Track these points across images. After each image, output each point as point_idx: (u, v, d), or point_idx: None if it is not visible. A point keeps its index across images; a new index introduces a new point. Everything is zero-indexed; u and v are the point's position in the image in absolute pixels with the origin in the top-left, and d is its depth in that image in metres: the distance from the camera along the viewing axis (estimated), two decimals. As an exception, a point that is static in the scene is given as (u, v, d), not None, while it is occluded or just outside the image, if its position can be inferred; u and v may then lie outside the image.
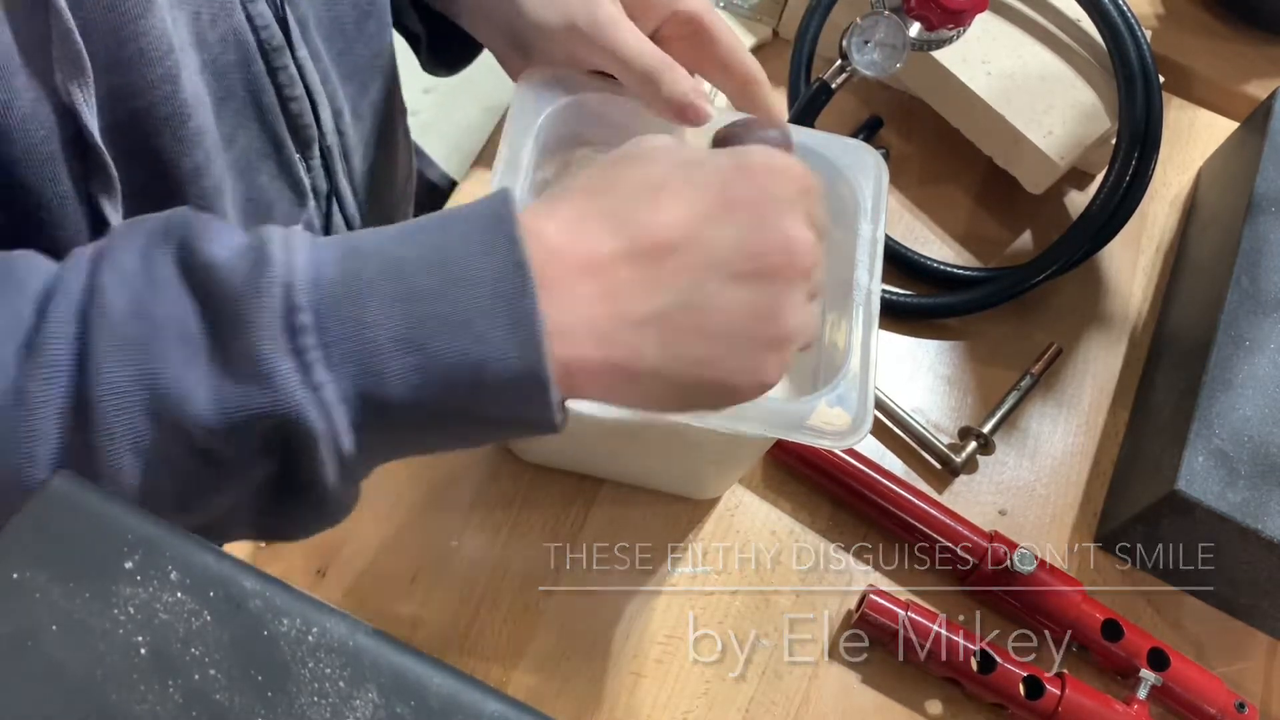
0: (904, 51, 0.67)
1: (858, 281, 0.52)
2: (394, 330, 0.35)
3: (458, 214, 0.38)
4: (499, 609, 0.61)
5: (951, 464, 0.69)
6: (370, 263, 0.36)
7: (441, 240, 0.37)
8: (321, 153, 0.60)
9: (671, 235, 0.38)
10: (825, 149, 0.56)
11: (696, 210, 0.38)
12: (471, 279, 0.36)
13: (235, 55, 0.51)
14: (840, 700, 0.62)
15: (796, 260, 0.39)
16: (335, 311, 0.35)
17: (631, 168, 0.40)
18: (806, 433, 0.48)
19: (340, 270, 0.36)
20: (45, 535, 0.29)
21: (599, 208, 0.39)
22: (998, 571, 0.63)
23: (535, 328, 0.35)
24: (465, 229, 0.37)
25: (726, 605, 0.63)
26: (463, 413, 0.37)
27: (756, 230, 0.39)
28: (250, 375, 0.34)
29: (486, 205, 0.37)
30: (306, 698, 0.28)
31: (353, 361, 0.35)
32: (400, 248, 0.37)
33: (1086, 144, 0.75)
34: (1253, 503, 0.60)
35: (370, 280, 0.36)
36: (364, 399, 0.35)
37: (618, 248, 0.38)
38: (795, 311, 0.40)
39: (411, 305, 0.35)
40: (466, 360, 0.35)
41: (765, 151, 0.41)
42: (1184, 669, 0.62)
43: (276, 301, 0.35)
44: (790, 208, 0.40)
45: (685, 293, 0.38)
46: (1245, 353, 0.65)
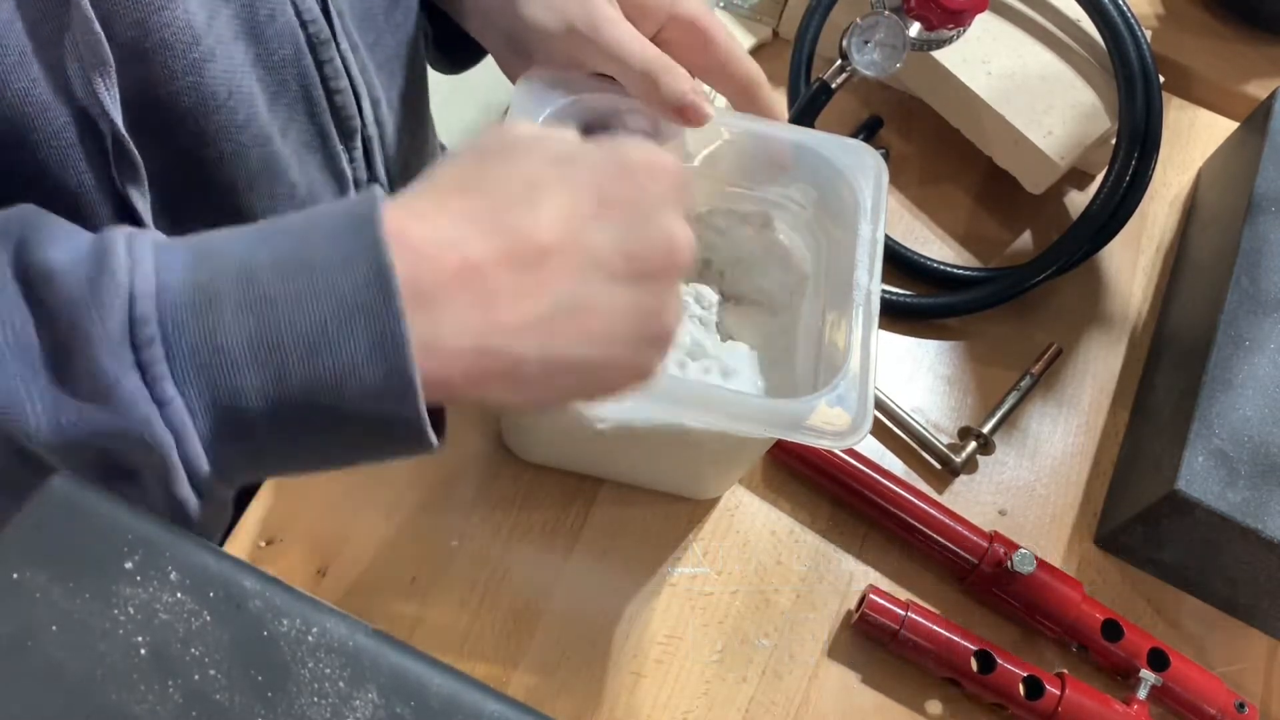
0: (904, 51, 0.67)
1: (858, 281, 0.52)
2: (246, 342, 0.33)
3: (323, 214, 0.36)
4: (499, 609, 0.61)
5: (951, 464, 0.69)
6: (222, 269, 0.34)
7: (301, 244, 0.35)
8: (363, 143, 0.60)
9: (550, 238, 0.36)
10: (825, 149, 0.56)
11: (575, 211, 0.37)
12: (330, 288, 0.34)
13: (289, 49, 0.52)
14: (840, 700, 0.62)
15: (676, 258, 0.38)
16: (183, 323, 0.33)
17: (504, 164, 0.38)
18: (806, 433, 0.48)
19: (190, 277, 0.34)
20: (45, 535, 0.29)
21: (472, 209, 0.37)
22: (998, 571, 0.63)
23: (399, 340, 0.34)
24: (328, 232, 0.35)
25: (726, 605, 0.63)
26: (328, 429, 0.35)
27: (637, 231, 0.38)
28: (89, 391, 0.33)
29: (353, 206, 0.36)
30: (306, 698, 0.28)
31: (203, 376, 0.33)
32: (256, 251, 0.35)
33: (1086, 144, 0.75)
34: (1253, 503, 0.60)
35: (221, 289, 0.34)
36: (217, 415, 0.34)
37: (493, 252, 0.36)
38: (671, 309, 0.39)
39: (265, 315, 0.33)
40: (325, 375, 0.34)
41: (641, 147, 0.40)
42: (1184, 669, 0.62)
43: (118, 313, 0.33)
44: (667, 205, 0.39)
45: (566, 296, 0.37)
46: (1245, 353, 0.65)
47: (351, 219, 0.35)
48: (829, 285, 0.57)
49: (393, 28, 0.61)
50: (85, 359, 0.33)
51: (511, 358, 0.36)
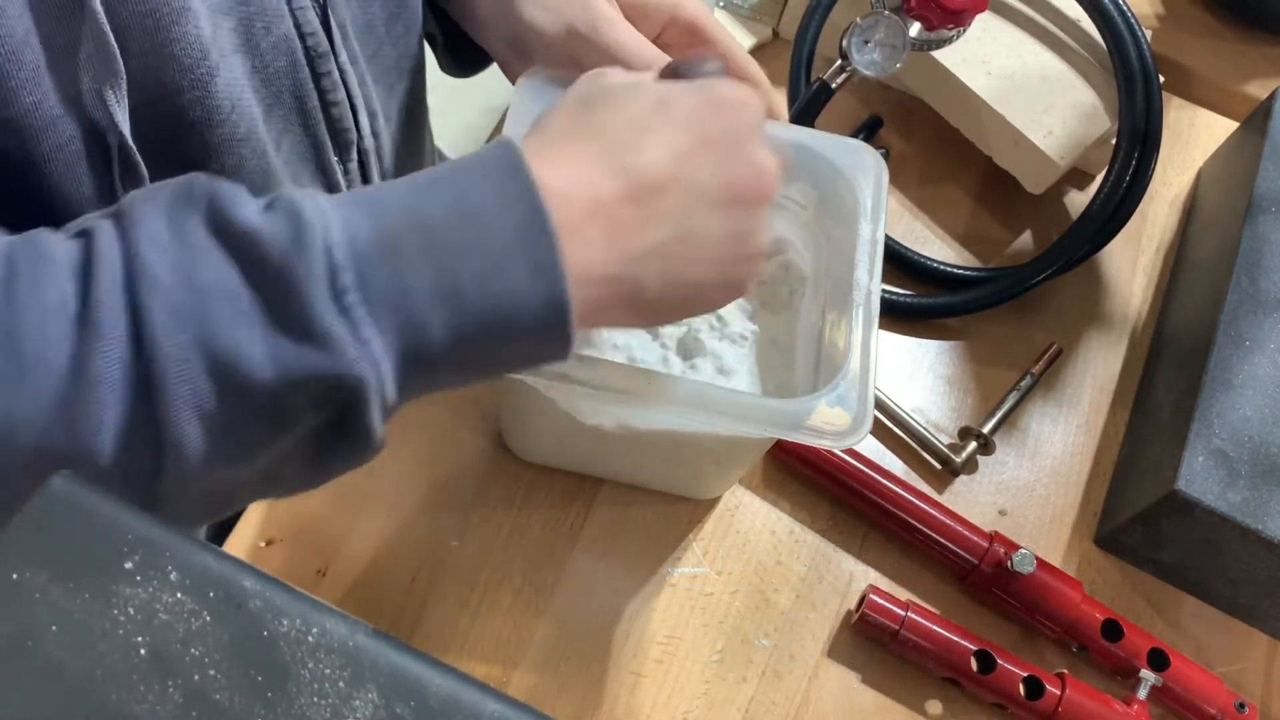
0: (904, 51, 0.67)
1: (858, 281, 0.52)
2: (429, 284, 0.37)
3: (469, 167, 0.40)
4: (499, 609, 0.61)
5: (951, 464, 0.69)
6: (398, 220, 0.38)
7: (461, 194, 0.39)
8: (359, 155, 0.61)
9: (660, 174, 0.41)
10: (825, 149, 0.56)
11: (679, 148, 0.42)
12: (497, 231, 0.38)
13: (285, 61, 0.52)
14: (840, 700, 0.62)
15: (764, 184, 0.43)
16: (374, 270, 0.37)
17: (609, 110, 0.43)
18: (806, 433, 0.48)
19: (372, 229, 0.37)
20: (45, 535, 0.29)
21: (593, 153, 0.41)
22: (998, 571, 0.63)
23: (558, 272, 0.38)
24: (481, 182, 0.39)
25: (726, 605, 0.63)
26: (493, 353, 0.39)
27: (730, 162, 0.43)
28: (306, 336, 0.36)
29: (499, 156, 0.39)
30: (306, 698, 0.28)
31: (395, 316, 0.37)
32: (424, 203, 0.39)
33: (1086, 144, 0.75)
34: (1253, 503, 0.60)
35: (402, 237, 0.37)
36: (407, 351, 0.37)
37: (616, 190, 0.41)
38: (761, 230, 0.44)
39: (444, 259, 0.37)
40: (499, 307, 0.38)
41: (725, 86, 0.44)
42: (1184, 669, 0.62)
43: (320, 263, 0.36)
44: (753, 137, 0.43)
45: (676, 226, 0.41)
46: (1245, 353, 0.65)
47: (503, 167, 0.39)
48: (829, 285, 0.57)
49: (393, 40, 0.61)
50: (300, 307, 0.36)
51: (637, 282, 0.41)
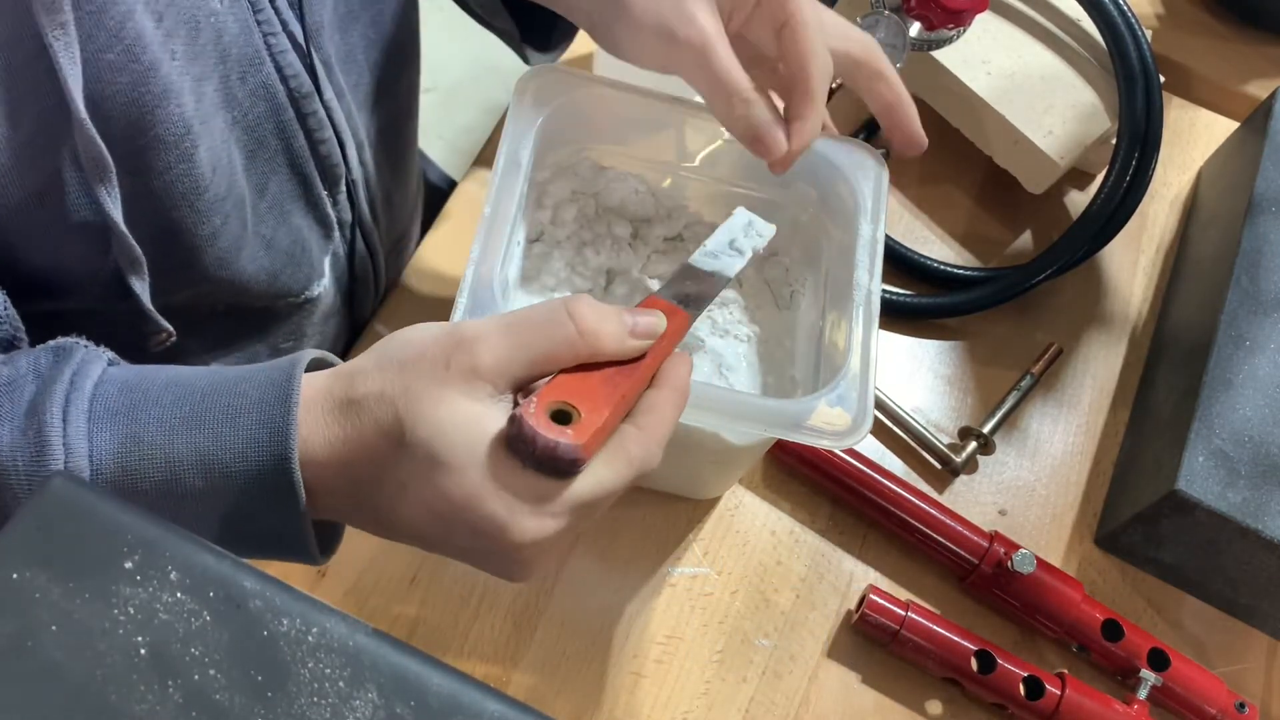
0: (904, 51, 0.67)
1: (858, 281, 0.52)
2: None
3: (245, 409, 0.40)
4: (499, 609, 0.61)
5: (951, 464, 0.69)
6: (149, 459, 0.39)
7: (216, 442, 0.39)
8: (347, 186, 0.61)
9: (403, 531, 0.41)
10: (825, 149, 0.56)
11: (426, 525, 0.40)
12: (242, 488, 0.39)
13: (265, 106, 0.52)
14: (840, 700, 0.62)
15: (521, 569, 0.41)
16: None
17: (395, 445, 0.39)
18: (806, 433, 0.48)
19: (119, 468, 0.39)
20: (45, 535, 0.29)
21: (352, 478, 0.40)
22: (998, 571, 0.63)
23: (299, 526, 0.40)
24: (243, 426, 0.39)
25: (726, 605, 0.63)
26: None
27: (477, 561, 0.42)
28: None
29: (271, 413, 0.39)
30: (306, 698, 0.28)
31: None
32: (180, 444, 0.39)
33: (1086, 144, 0.75)
34: (1253, 503, 0.60)
35: (146, 477, 0.39)
36: None
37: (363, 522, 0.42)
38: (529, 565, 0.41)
39: (183, 504, 0.39)
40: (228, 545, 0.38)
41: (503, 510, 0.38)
42: (1184, 669, 0.62)
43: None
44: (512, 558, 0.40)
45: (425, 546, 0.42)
46: (1245, 353, 0.65)
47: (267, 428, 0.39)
48: (829, 285, 0.57)
49: (371, 67, 0.60)
50: None
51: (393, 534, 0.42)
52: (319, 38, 0.54)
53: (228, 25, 0.48)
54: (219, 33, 0.47)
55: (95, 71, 0.42)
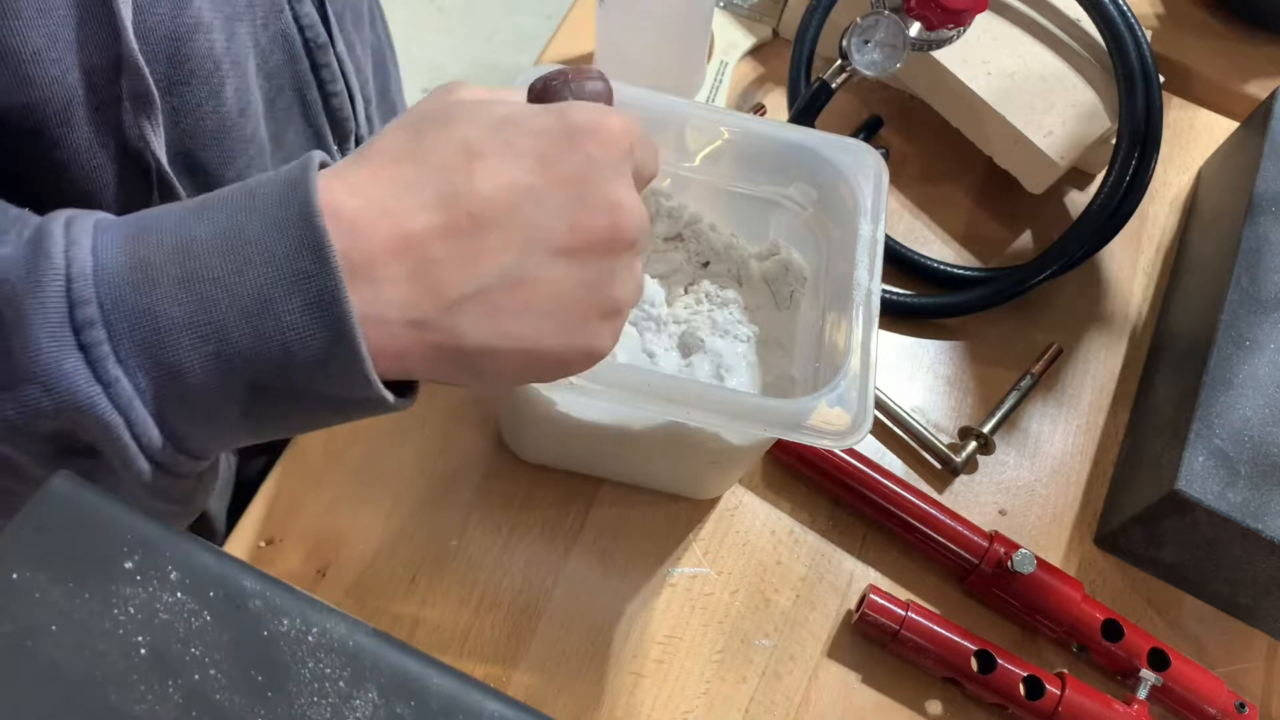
0: (904, 51, 0.67)
1: (858, 281, 0.52)
2: (186, 318, 0.33)
3: (260, 185, 0.35)
4: (499, 609, 0.61)
5: (951, 464, 0.69)
6: (159, 246, 0.34)
7: (236, 216, 0.34)
8: (356, 142, 0.61)
9: (490, 209, 0.35)
10: (825, 149, 0.56)
11: (515, 180, 0.35)
12: (265, 258, 0.33)
13: (283, 55, 0.52)
14: (840, 700, 0.62)
15: (622, 230, 0.37)
16: (122, 302, 0.33)
17: (443, 129, 0.36)
18: (806, 433, 0.48)
19: (126, 257, 0.34)
20: (45, 535, 0.29)
21: (407, 177, 0.35)
22: (998, 571, 0.63)
23: (339, 309, 0.33)
24: (262, 202, 0.34)
25: (726, 605, 0.63)
26: (283, 396, 0.35)
27: (580, 202, 0.36)
28: (30, 375, 0.32)
29: (287, 174, 0.35)
30: (306, 698, 0.28)
31: (145, 353, 0.33)
32: (193, 226, 0.34)
33: (1086, 144, 0.75)
34: (1253, 503, 0.60)
35: (158, 265, 0.33)
36: (162, 391, 0.33)
37: (430, 223, 0.35)
38: (623, 280, 0.38)
39: (204, 289, 0.33)
40: (269, 346, 0.33)
41: (586, 110, 0.37)
42: (1184, 669, 0.62)
43: (57, 296, 0.33)
44: (614, 173, 0.37)
45: (507, 270, 0.35)
46: (1245, 353, 0.65)
47: (285, 187, 0.34)
48: (829, 285, 0.57)
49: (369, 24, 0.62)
50: (22, 342, 0.32)
51: (453, 332, 0.35)
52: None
53: None
54: None
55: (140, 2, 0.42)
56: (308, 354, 0.34)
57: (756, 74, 0.83)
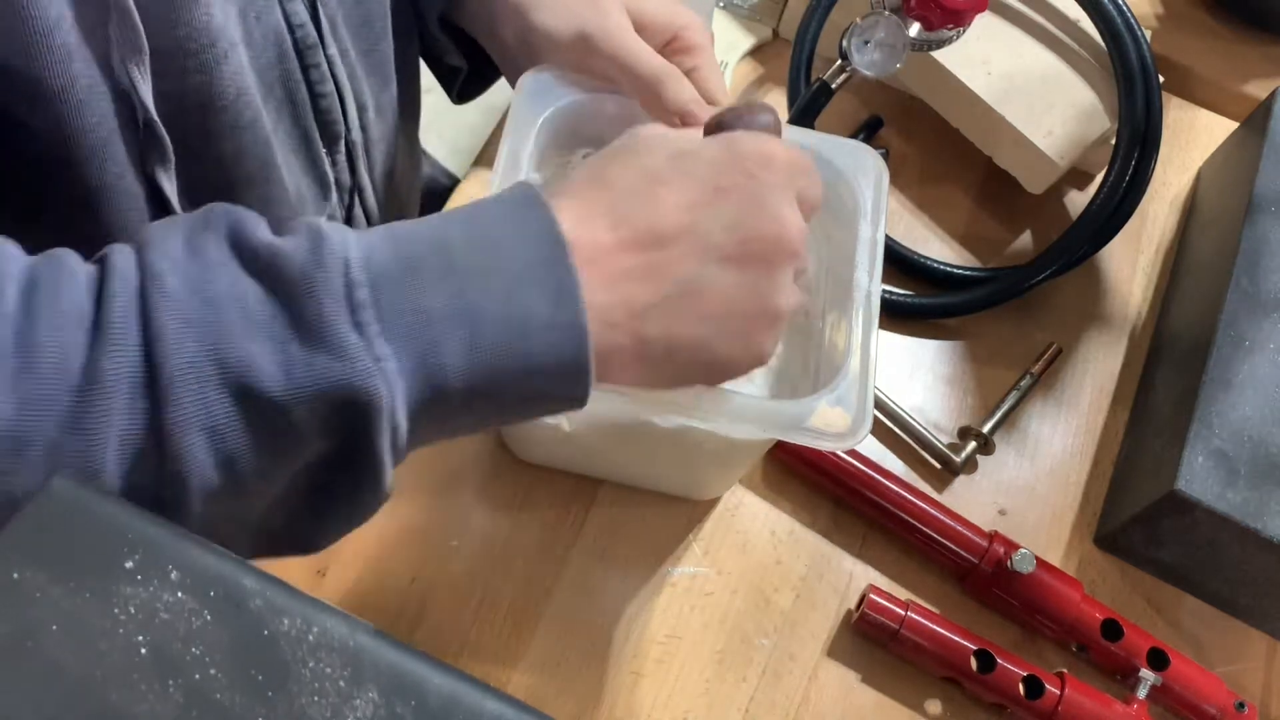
0: (904, 51, 0.67)
1: (858, 282, 0.52)
2: (445, 305, 0.37)
3: (487, 203, 0.40)
4: (499, 609, 0.61)
5: (951, 464, 0.69)
6: (418, 244, 0.38)
7: (481, 224, 0.39)
8: (346, 148, 0.61)
9: (668, 225, 0.40)
10: (825, 150, 0.56)
11: (691, 199, 0.40)
12: (516, 256, 0.38)
13: (274, 52, 0.52)
14: (840, 700, 0.62)
15: (785, 241, 0.41)
16: (391, 288, 0.36)
17: (628, 162, 0.42)
18: (806, 434, 0.48)
19: (390, 249, 0.37)
20: (45, 535, 0.29)
21: (601, 202, 0.40)
22: (998, 571, 0.63)
23: (578, 300, 0.38)
24: (502, 216, 0.39)
25: (726, 605, 0.63)
26: (510, 385, 0.38)
27: (747, 215, 0.41)
28: (320, 346, 0.35)
29: (514, 193, 0.40)
30: (306, 698, 0.28)
31: (410, 336, 0.36)
32: (446, 231, 0.38)
33: (1086, 144, 0.75)
34: (1253, 503, 0.60)
35: (421, 259, 0.37)
36: (421, 373, 0.37)
37: (619, 239, 0.40)
38: (786, 289, 0.42)
39: (463, 281, 0.37)
40: (517, 333, 0.37)
41: (754, 138, 0.43)
42: (1184, 669, 0.62)
43: (338, 279, 0.36)
44: (778, 191, 0.42)
45: (684, 279, 0.40)
46: (1245, 353, 0.65)
47: (522, 202, 0.39)
48: (829, 286, 0.57)
49: (389, 37, 0.61)
50: (315, 318, 0.35)
51: (639, 335, 0.40)
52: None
53: None
54: None
55: None
56: (545, 342, 0.38)
57: (756, 74, 0.83)
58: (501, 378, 0.38)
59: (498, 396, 0.39)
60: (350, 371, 0.35)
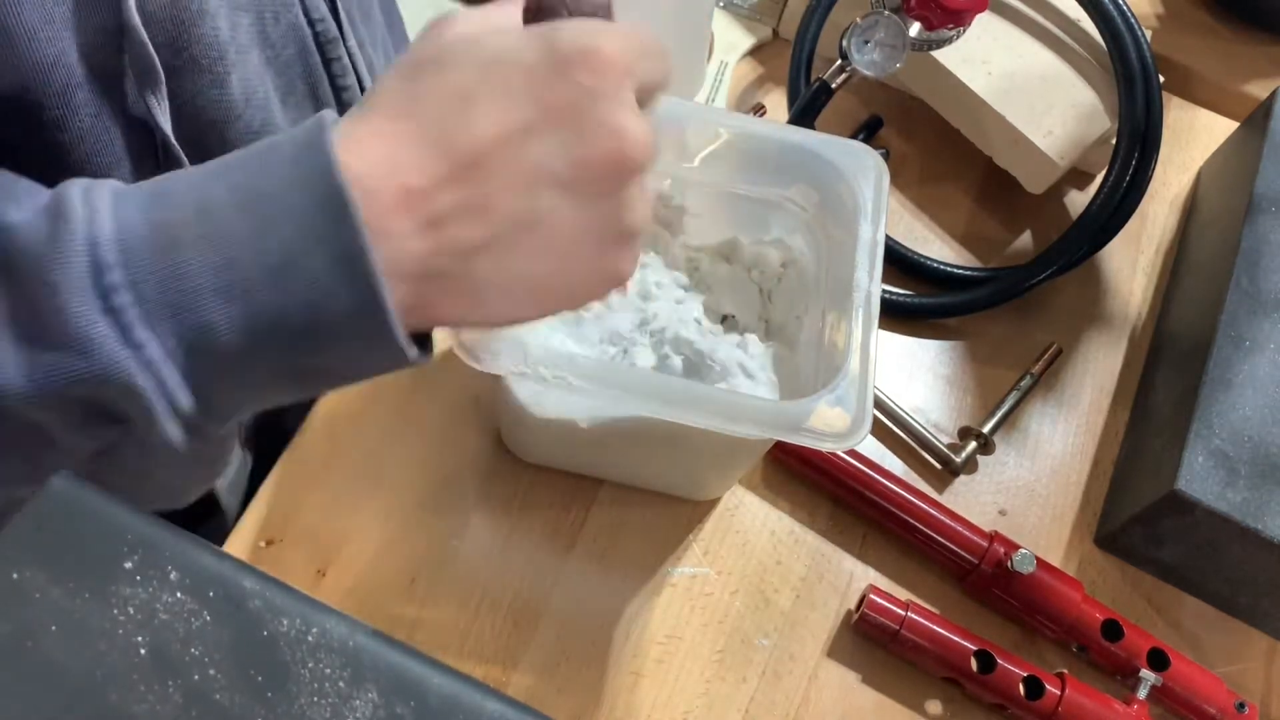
0: (904, 51, 0.67)
1: (858, 283, 0.52)
2: (212, 279, 0.33)
3: (274, 145, 0.35)
4: (499, 609, 0.61)
5: (951, 464, 0.69)
6: (179, 208, 0.34)
7: (254, 175, 0.34)
8: None
9: (488, 153, 0.35)
10: (826, 151, 0.56)
11: (512, 121, 0.35)
12: (287, 214, 0.33)
13: (295, 49, 0.52)
14: (840, 700, 0.62)
15: (626, 157, 0.36)
16: (147, 265, 0.33)
17: (436, 76, 0.36)
18: (806, 434, 0.48)
19: (147, 220, 0.34)
20: (45, 535, 0.29)
21: (408, 130, 0.35)
22: (998, 571, 0.63)
23: (363, 262, 0.33)
24: (280, 160, 0.34)
25: (726, 605, 0.63)
26: (307, 353, 0.35)
27: (577, 133, 0.35)
28: (63, 341, 0.33)
29: (301, 134, 0.35)
30: (306, 698, 0.28)
31: (173, 316, 0.33)
32: (212, 186, 0.34)
33: (1086, 144, 0.75)
34: (1253, 503, 0.60)
35: (180, 227, 0.33)
36: (192, 352, 0.34)
37: (434, 175, 0.34)
38: (633, 205, 0.37)
39: (227, 250, 0.33)
40: (294, 300, 0.34)
41: (577, 34, 0.36)
42: (1184, 669, 0.62)
43: (82, 260, 0.33)
44: (611, 96, 0.35)
45: (516, 213, 0.35)
46: (1245, 353, 0.65)
47: (301, 147, 0.34)
48: (829, 286, 0.57)
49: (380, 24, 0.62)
50: (52, 309, 0.33)
51: (471, 279, 0.36)
52: None
53: None
54: None
55: None
56: (334, 310, 0.34)
57: (756, 74, 0.83)
58: (295, 350, 0.34)
59: (302, 368, 0.35)
60: (101, 365, 0.32)
